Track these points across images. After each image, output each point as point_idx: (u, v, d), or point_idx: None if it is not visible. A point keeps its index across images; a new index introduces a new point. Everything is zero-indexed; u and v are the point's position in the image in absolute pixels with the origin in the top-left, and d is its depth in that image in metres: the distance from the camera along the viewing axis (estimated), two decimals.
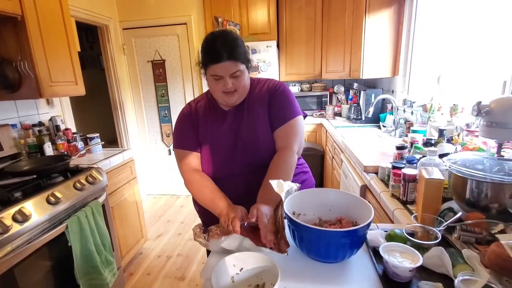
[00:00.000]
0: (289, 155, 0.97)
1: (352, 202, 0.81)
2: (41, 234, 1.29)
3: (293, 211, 0.82)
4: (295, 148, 1.00)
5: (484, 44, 1.64)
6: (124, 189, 2.06)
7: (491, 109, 0.84)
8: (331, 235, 0.66)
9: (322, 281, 0.67)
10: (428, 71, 2.18)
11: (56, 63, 1.77)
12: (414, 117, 2.13)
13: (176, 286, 1.97)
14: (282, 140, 1.01)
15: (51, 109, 2.18)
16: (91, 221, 1.50)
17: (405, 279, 0.66)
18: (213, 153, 1.04)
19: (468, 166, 0.87)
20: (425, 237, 0.80)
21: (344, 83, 3.49)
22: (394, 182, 1.12)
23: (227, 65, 0.91)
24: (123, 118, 3.14)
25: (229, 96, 0.98)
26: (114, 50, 2.95)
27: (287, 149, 0.98)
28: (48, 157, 1.77)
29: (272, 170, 0.93)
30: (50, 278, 1.38)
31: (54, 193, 1.36)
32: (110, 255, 1.62)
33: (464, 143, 1.24)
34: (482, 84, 1.66)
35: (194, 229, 0.83)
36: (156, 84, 3.22)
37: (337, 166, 2.32)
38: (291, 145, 0.99)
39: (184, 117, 1.08)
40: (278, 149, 1.01)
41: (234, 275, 0.67)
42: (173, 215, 3.02)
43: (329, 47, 3.16)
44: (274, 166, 0.95)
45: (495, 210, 0.85)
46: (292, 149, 0.99)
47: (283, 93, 1.05)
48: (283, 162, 0.95)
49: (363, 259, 0.75)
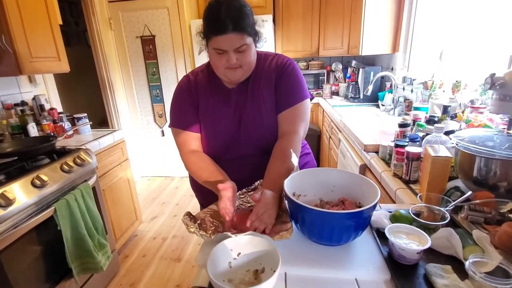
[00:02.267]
0: (295, 140, 0.90)
1: (356, 182, 0.76)
2: (28, 219, 1.23)
3: (293, 192, 0.77)
4: (302, 133, 0.94)
5: (488, 18, 1.56)
6: (115, 171, 1.99)
7: (505, 82, 0.78)
8: (335, 217, 0.61)
9: (325, 265, 0.63)
10: (430, 47, 2.10)
11: (36, 37, 1.64)
12: (414, 95, 2.07)
13: (172, 267, 1.97)
14: (289, 124, 0.93)
15: (34, 88, 2.05)
16: (81, 204, 1.45)
17: (412, 261, 0.62)
18: (215, 134, 0.96)
19: (477, 143, 0.82)
20: (431, 217, 0.76)
21: (342, 61, 3.38)
22: (397, 161, 1.07)
23: (232, 38, 0.80)
24: (112, 98, 3.01)
25: (233, 73, 0.87)
26: (100, 25, 2.77)
27: (293, 134, 0.91)
28: (33, 138, 1.67)
29: (277, 157, 0.87)
30: (41, 262, 1.34)
31: (40, 176, 1.29)
32: (103, 238, 1.59)
33: (469, 120, 1.19)
34: (486, 59, 1.60)
35: (183, 221, 0.77)
36: (146, 62, 3.07)
37: (334, 146, 2.28)
38: (298, 130, 0.93)
39: (182, 91, 0.97)
40: (284, 133, 0.93)
41: (232, 260, 0.63)
42: (168, 196, 2.99)
43: (327, 22, 3.02)
44: (279, 152, 0.88)
45: (503, 188, 0.81)
46: (299, 135, 0.92)
47: (292, 72, 0.95)
48: (289, 147, 0.89)
49: (367, 241, 0.71)
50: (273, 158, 0.88)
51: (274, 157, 0.88)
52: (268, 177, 0.84)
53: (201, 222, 0.77)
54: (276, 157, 0.88)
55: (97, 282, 1.69)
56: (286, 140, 0.91)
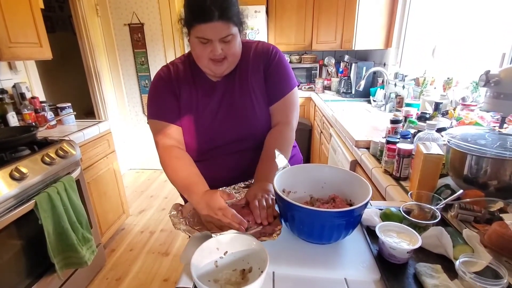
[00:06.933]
0: (288, 130, 0.90)
1: (347, 179, 0.75)
2: (6, 212, 1.18)
3: (283, 188, 0.75)
4: (294, 123, 0.93)
5: (482, 16, 1.55)
6: (101, 163, 1.93)
7: (500, 79, 0.77)
8: (326, 215, 0.59)
9: (314, 264, 0.62)
10: (422, 43, 2.10)
11: (14, 20, 1.54)
12: (406, 91, 2.07)
13: (160, 261, 1.94)
14: (281, 115, 0.92)
15: (14, 75, 1.95)
16: (64, 198, 1.39)
17: (402, 260, 0.61)
18: (199, 129, 0.90)
19: (469, 141, 0.82)
20: (421, 215, 0.75)
21: (334, 55, 3.36)
22: (388, 158, 1.06)
23: (218, 26, 0.75)
24: (99, 87, 2.91)
25: (217, 65, 0.82)
26: (85, 11, 2.65)
27: (286, 124, 0.91)
28: (12, 128, 1.59)
29: (270, 146, 0.85)
30: (21, 257, 1.29)
31: (19, 168, 1.23)
32: (87, 232, 1.54)
33: (460, 117, 1.19)
34: (478, 57, 1.60)
35: (171, 218, 0.74)
36: (135, 51, 2.97)
37: (325, 141, 2.27)
38: (290, 120, 0.92)
39: (161, 81, 0.90)
40: (276, 123, 0.92)
41: (218, 259, 0.61)
42: (157, 190, 2.94)
43: (321, 15, 2.98)
44: (273, 141, 0.86)
45: (493, 187, 0.81)
46: (291, 124, 0.92)
47: (280, 62, 0.92)
48: (282, 138, 0.88)
49: (357, 239, 0.70)
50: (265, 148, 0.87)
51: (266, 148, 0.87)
52: (260, 167, 0.83)
53: (190, 216, 0.74)
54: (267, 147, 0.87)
55: (82, 277, 1.65)
56: (277, 130, 0.90)
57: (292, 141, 0.92)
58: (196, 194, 0.75)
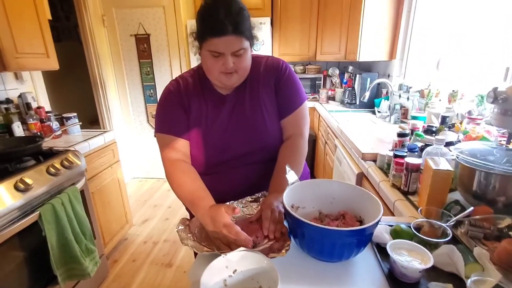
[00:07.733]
0: (302, 141, 0.92)
1: (357, 195, 0.74)
2: (10, 224, 1.17)
3: (292, 204, 0.75)
4: (306, 134, 0.95)
5: (486, 29, 1.57)
6: (105, 173, 1.93)
7: (508, 96, 0.77)
8: (337, 234, 0.59)
9: (324, 282, 0.61)
10: (427, 55, 2.11)
11: (21, 31, 1.57)
12: (410, 103, 2.07)
13: (163, 273, 1.91)
14: (294, 128, 0.94)
15: (20, 85, 1.97)
16: (68, 209, 1.39)
17: (414, 279, 0.60)
18: (208, 142, 0.90)
19: (478, 157, 0.81)
20: (431, 232, 0.74)
21: (338, 66, 3.39)
22: (396, 172, 1.05)
23: (231, 40, 0.76)
24: (104, 97, 2.94)
25: (228, 77, 0.83)
26: (92, 21, 2.70)
27: (299, 136, 0.93)
28: (18, 138, 1.60)
29: (285, 157, 0.87)
30: (24, 269, 1.28)
31: (23, 179, 1.23)
32: (91, 243, 1.53)
33: (467, 131, 1.19)
34: (482, 70, 1.60)
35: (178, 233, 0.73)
36: (141, 61, 3.01)
37: (330, 152, 2.26)
38: (303, 132, 0.94)
39: (171, 95, 0.90)
40: (289, 136, 0.94)
41: (227, 277, 0.60)
42: (160, 199, 2.93)
43: (325, 26, 3.01)
44: (287, 153, 0.88)
45: (501, 203, 0.81)
46: (304, 136, 0.94)
47: (290, 77, 0.94)
48: (296, 150, 0.89)
49: (367, 256, 0.69)
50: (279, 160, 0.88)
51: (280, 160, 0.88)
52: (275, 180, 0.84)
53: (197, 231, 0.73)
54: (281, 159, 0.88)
55: None
56: (291, 142, 0.92)
57: (305, 152, 0.93)
58: (202, 208, 0.74)
